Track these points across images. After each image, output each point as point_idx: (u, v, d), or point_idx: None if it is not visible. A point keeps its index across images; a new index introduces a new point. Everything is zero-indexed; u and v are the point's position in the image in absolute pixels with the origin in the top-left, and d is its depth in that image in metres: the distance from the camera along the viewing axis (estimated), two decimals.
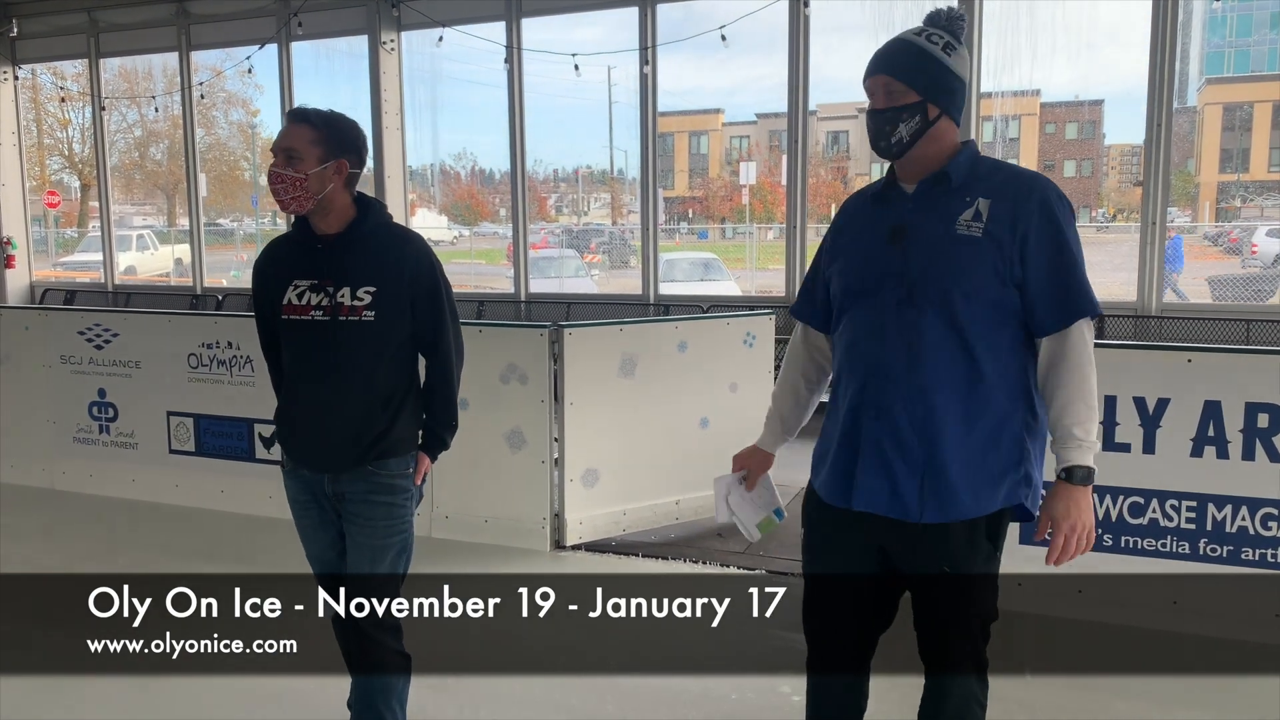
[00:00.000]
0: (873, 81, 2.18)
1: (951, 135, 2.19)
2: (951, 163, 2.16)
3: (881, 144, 2.17)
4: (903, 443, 2.13)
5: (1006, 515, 2.19)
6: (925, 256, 2.12)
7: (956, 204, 2.12)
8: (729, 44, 8.58)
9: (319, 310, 2.58)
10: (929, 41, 2.17)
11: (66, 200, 15.24)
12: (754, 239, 16.12)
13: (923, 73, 2.14)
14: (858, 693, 2.43)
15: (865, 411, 2.18)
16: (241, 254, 14.75)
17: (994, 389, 2.12)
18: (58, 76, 12.26)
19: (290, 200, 2.51)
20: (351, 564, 2.72)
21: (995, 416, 2.12)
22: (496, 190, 13.79)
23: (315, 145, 2.51)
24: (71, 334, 5.88)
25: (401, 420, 2.67)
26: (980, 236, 2.08)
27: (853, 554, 2.28)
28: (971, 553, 2.15)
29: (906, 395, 2.12)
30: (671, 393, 5.03)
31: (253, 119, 14.15)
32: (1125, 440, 3.84)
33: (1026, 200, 2.10)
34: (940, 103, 2.15)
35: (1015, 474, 2.16)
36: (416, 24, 9.67)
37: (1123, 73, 8.79)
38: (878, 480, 2.16)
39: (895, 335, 2.13)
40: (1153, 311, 7.63)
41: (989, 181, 2.14)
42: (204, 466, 5.58)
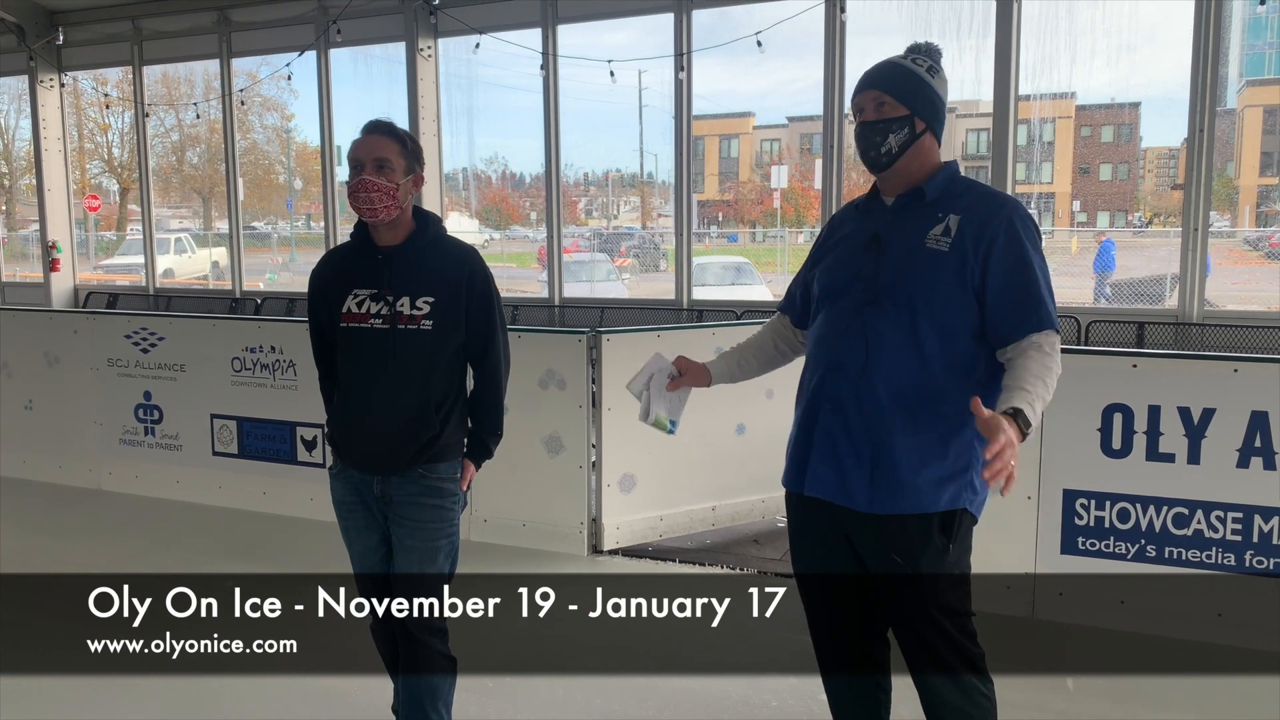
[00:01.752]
0: (863, 97, 2.32)
1: (934, 153, 2.33)
2: (929, 180, 2.30)
3: (871, 154, 2.32)
4: (852, 435, 2.27)
5: (960, 516, 2.26)
6: (895, 265, 2.26)
7: (929, 219, 2.26)
8: (763, 48, 8.59)
9: (378, 319, 2.64)
10: (914, 64, 2.31)
11: (106, 204, 15.51)
12: (785, 242, 16.09)
13: (910, 88, 2.29)
14: (871, 690, 2.49)
15: (822, 403, 2.33)
16: (276, 257, 14.93)
17: (946, 396, 2.21)
18: (99, 83, 12.48)
19: (383, 209, 2.59)
20: (398, 566, 2.76)
21: (945, 422, 2.22)
22: (526, 194, 13.88)
23: (401, 157, 2.63)
24: (118, 337, 6.00)
25: (451, 426, 2.73)
26: (947, 251, 2.21)
27: (825, 543, 2.40)
28: (924, 546, 2.24)
29: (859, 390, 2.26)
30: (708, 399, 5.00)
31: (287, 124, 14.33)
32: (1169, 450, 3.81)
33: (993, 218, 2.22)
34: (925, 118, 2.29)
35: (962, 478, 2.24)
36: (454, 31, 9.75)
37: (1161, 75, 8.71)
38: (827, 469, 2.32)
39: (856, 334, 2.27)
40: (1194, 318, 7.53)
41: (961, 200, 2.27)
42: (247, 468, 5.67)
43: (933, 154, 2.32)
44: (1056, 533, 3.99)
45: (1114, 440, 3.88)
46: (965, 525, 2.29)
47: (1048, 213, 12.31)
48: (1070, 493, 3.97)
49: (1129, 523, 3.90)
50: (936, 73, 2.32)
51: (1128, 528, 3.90)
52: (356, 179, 2.59)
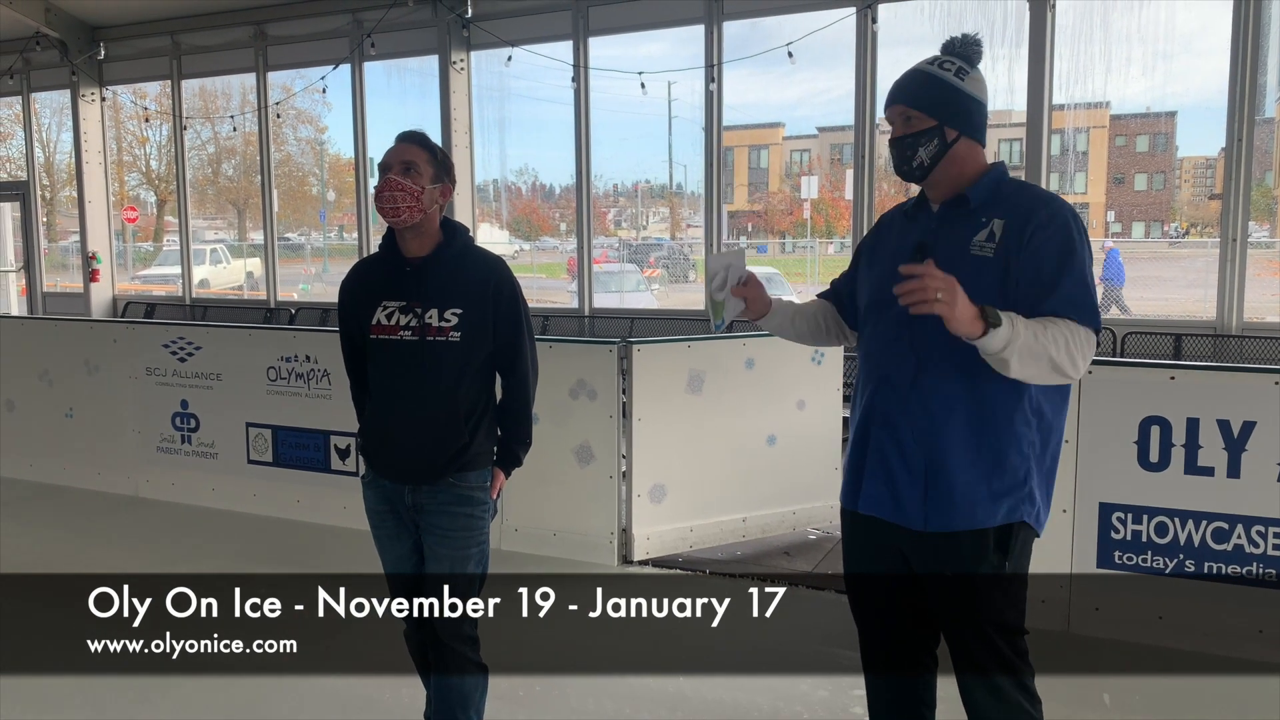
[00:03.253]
0: (891, 112, 2.29)
1: (975, 157, 2.27)
2: (972, 186, 2.24)
3: (904, 169, 2.28)
4: (905, 452, 2.22)
5: (1018, 529, 2.21)
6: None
7: (973, 225, 2.20)
8: (793, 58, 8.58)
9: (407, 330, 2.67)
10: (941, 69, 2.25)
11: (143, 215, 15.76)
12: (815, 253, 16.04)
13: (935, 98, 2.23)
14: (911, 695, 2.45)
15: (874, 420, 2.29)
16: (309, 268, 15.09)
17: (999, 407, 2.16)
18: (139, 96, 12.72)
19: (404, 209, 2.62)
20: (430, 575, 2.78)
21: (999, 433, 2.17)
22: (556, 205, 13.93)
23: (429, 165, 2.67)
24: (156, 347, 6.09)
25: (480, 435, 2.75)
26: (991, 256, 2.15)
27: (876, 554, 2.36)
28: (977, 562, 2.20)
29: (910, 407, 2.21)
30: (739, 409, 5.04)
31: (321, 135, 14.50)
32: (1209, 464, 3.76)
33: (1037, 213, 2.15)
34: (957, 125, 2.23)
35: (1020, 490, 2.19)
36: (486, 44, 9.84)
37: (1198, 84, 8.57)
38: (881, 487, 2.27)
39: (905, 347, 2.21)
40: (1233, 330, 7.41)
41: (1007, 203, 2.20)
42: (281, 477, 5.73)
43: (973, 158, 2.26)
44: (1093, 546, 3.94)
45: (1151, 453, 3.83)
46: (1023, 539, 2.23)
47: None
48: (1106, 506, 3.92)
49: (1167, 537, 3.84)
50: (967, 74, 2.25)
51: (1165, 542, 3.85)
52: (382, 180, 2.64)
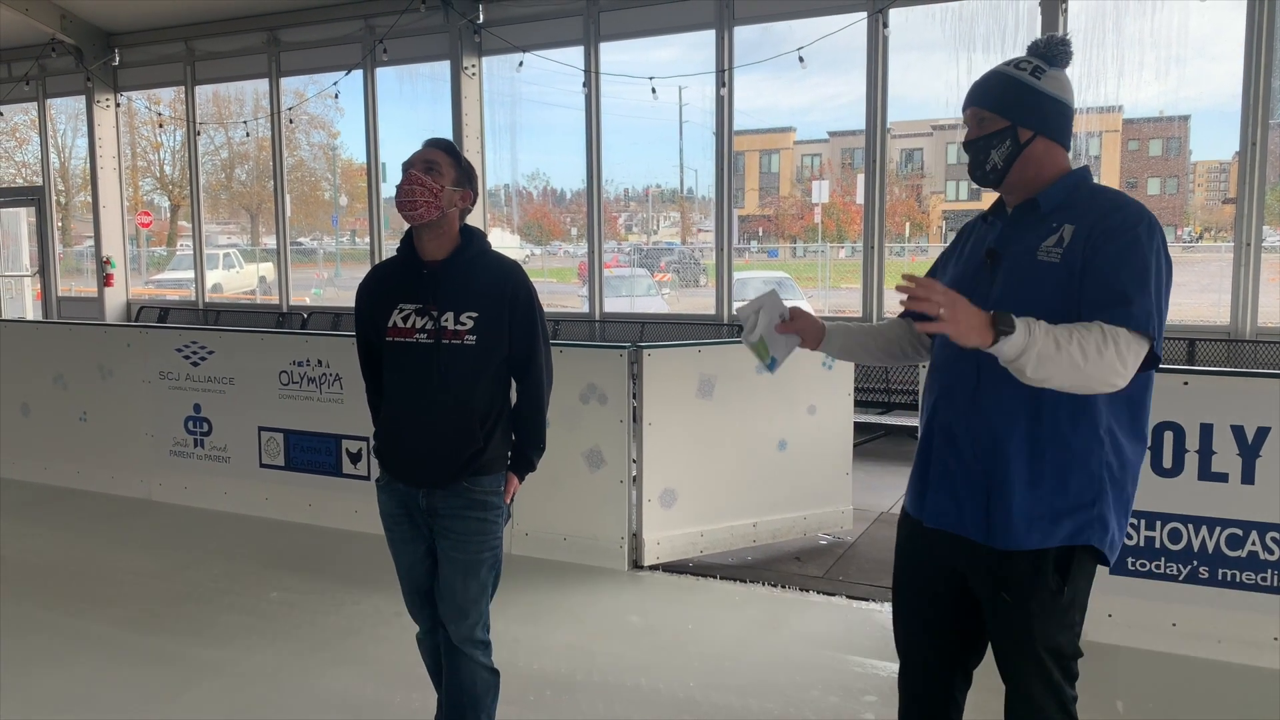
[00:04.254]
0: (966, 115, 2.23)
1: (1054, 158, 2.18)
2: (1044, 190, 2.16)
3: (978, 173, 2.22)
4: (966, 466, 2.17)
5: (1080, 553, 2.12)
6: (1008, 281, 2.13)
7: (1043, 230, 2.12)
8: (804, 63, 8.58)
9: (423, 333, 2.68)
10: (1016, 69, 2.19)
11: (157, 220, 15.85)
12: (825, 257, 16.02)
13: (1008, 98, 2.17)
14: (942, 712, 2.41)
15: (936, 434, 2.24)
16: (322, 272, 15.14)
17: (1064, 422, 2.07)
18: (153, 102, 12.80)
19: (422, 204, 2.64)
20: (443, 578, 2.78)
21: (1065, 450, 2.08)
22: (568, 210, 13.95)
23: (452, 168, 2.71)
24: (169, 351, 6.13)
25: (495, 439, 2.75)
26: (1058, 263, 2.06)
27: (933, 567, 2.30)
28: (1035, 585, 2.11)
29: (971, 420, 2.15)
30: (749, 415, 5.03)
31: (334, 141, 14.56)
32: (1222, 470, 3.73)
33: (1108, 217, 2.06)
34: (1031, 125, 2.16)
35: (1087, 512, 2.10)
36: (498, 49, 9.87)
37: (1212, 88, 8.52)
38: (945, 500, 2.21)
39: (968, 359, 2.12)
40: (1246, 335, 7.36)
41: (1081, 208, 2.11)
42: (293, 480, 5.75)
43: (1052, 160, 2.18)
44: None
45: (1165, 459, 3.81)
46: (1085, 564, 2.14)
47: None
48: None
49: (1180, 543, 3.82)
50: (1044, 73, 2.16)
51: (1179, 548, 3.82)
52: (404, 176, 2.66)
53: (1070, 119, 2.21)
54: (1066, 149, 2.21)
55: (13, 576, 4.88)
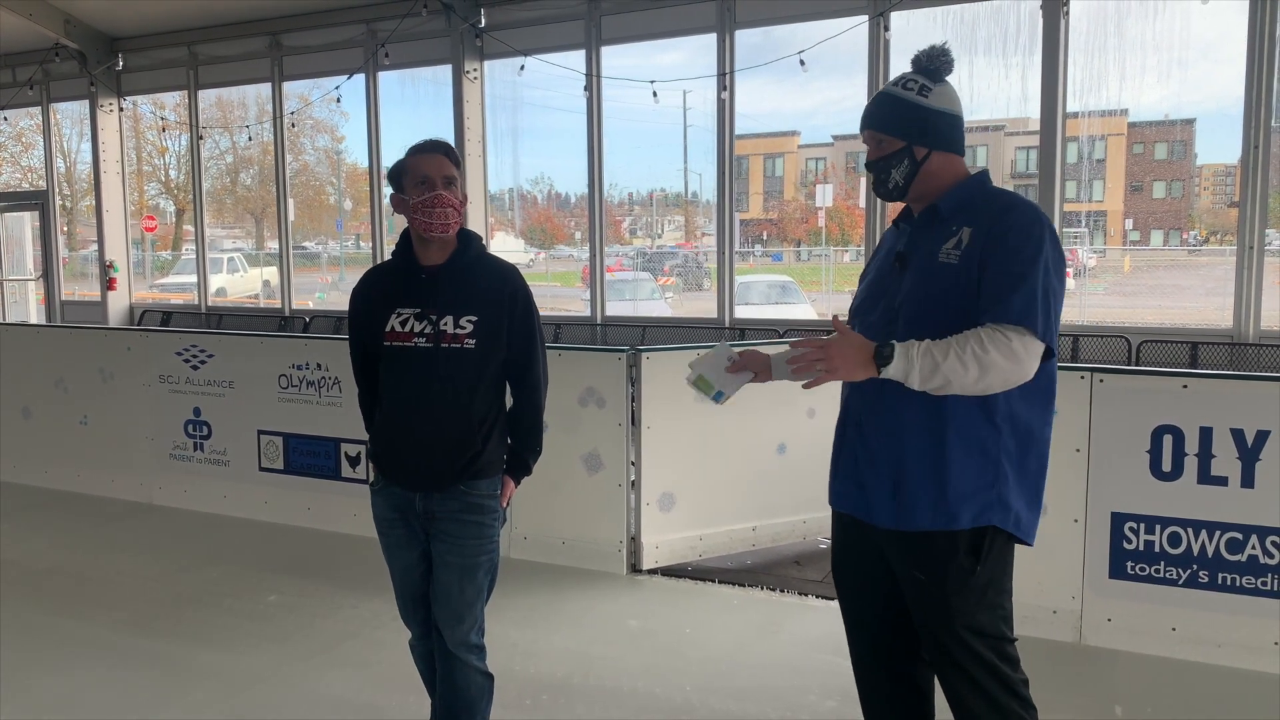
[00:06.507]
0: (863, 137, 2.37)
1: (951, 167, 2.32)
2: (943, 196, 2.29)
3: (881, 190, 2.38)
4: (873, 453, 2.31)
5: (992, 534, 2.24)
6: (914, 283, 2.27)
7: (944, 233, 2.25)
8: (806, 67, 8.57)
9: (422, 338, 2.68)
10: (904, 89, 2.31)
11: (162, 224, 15.89)
12: (830, 261, 16.00)
13: (900, 119, 2.29)
14: (898, 690, 2.48)
15: (848, 422, 2.40)
16: (326, 276, 15.16)
17: (959, 411, 2.20)
18: (157, 106, 12.84)
19: (453, 223, 2.69)
20: (439, 582, 2.77)
21: (965, 435, 2.21)
22: (571, 214, 13.95)
23: (461, 177, 2.75)
24: (169, 354, 6.14)
25: (492, 443, 2.76)
26: (957, 263, 2.19)
27: (858, 552, 2.44)
28: (949, 565, 2.23)
29: (877, 409, 2.29)
30: (749, 418, 5.01)
31: (337, 145, 14.59)
32: (1222, 473, 3.72)
33: (1003, 217, 2.18)
34: (925, 142, 2.28)
35: (987, 494, 2.22)
36: (499, 53, 9.88)
37: (1216, 91, 8.50)
38: (850, 486, 2.37)
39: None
40: (1250, 339, 7.34)
41: (979, 210, 2.23)
42: (292, 484, 5.75)
43: (949, 170, 2.31)
44: (1105, 557, 3.91)
45: (1164, 462, 3.80)
46: (997, 544, 2.26)
47: (1099, 231, 12.11)
48: (1119, 515, 3.88)
49: (1180, 547, 3.80)
50: (930, 90, 2.29)
51: (1179, 552, 3.81)
52: (431, 194, 2.64)
53: (961, 127, 2.34)
54: (962, 155, 2.35)
55: (13, 579, 4.88)
